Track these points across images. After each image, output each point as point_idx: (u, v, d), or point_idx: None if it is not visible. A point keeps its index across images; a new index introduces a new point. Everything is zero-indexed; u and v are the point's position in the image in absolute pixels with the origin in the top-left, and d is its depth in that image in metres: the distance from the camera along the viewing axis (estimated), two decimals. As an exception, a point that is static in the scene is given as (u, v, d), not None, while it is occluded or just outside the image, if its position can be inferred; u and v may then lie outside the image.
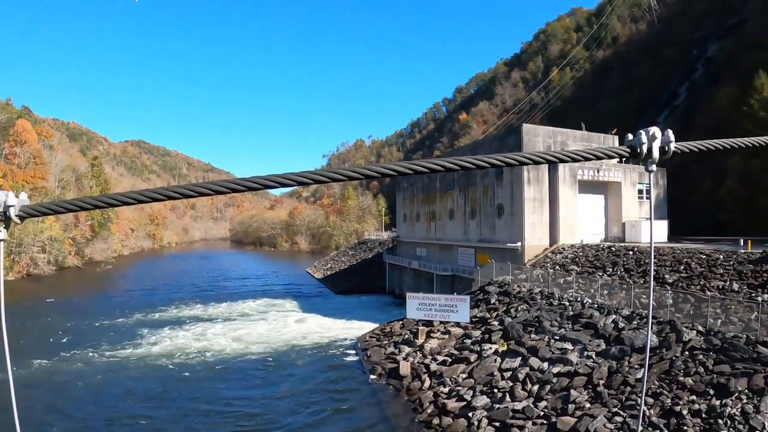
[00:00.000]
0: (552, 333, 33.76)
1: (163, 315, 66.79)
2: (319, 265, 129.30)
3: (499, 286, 47.91)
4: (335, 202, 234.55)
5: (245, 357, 46.42)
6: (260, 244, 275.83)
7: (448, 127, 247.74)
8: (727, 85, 79.19)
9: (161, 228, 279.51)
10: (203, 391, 36.85)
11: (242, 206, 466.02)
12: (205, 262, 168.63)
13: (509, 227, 57.72)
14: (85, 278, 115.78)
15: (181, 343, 50.75)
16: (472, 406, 28.61)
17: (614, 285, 38.51)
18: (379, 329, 51.14)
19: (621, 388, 25.21)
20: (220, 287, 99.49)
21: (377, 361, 41.06)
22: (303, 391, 37.02)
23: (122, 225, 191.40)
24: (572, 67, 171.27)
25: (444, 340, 40.74)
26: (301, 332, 56.31)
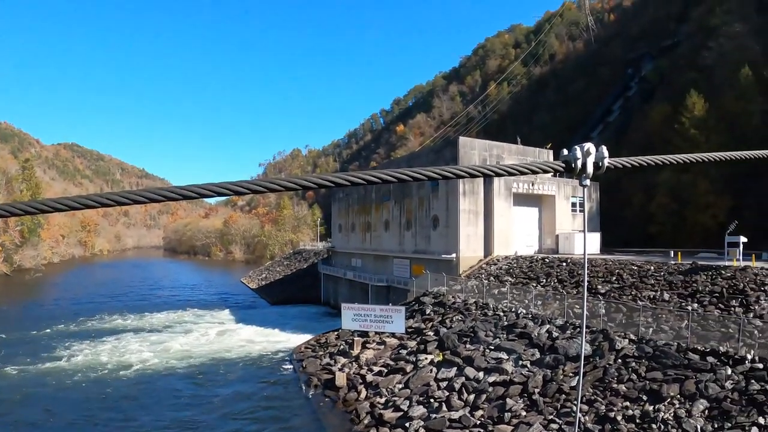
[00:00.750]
0: (487, 343, 33.98)
1: (91, 326, 64.76)
2: (253, 275, 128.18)
3: (434, 296, 48.04)
4: (271, 211, 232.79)
5: (177, 370, 45.27)
6: (194, 253, 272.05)
7: (385, 138, 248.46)
8: (659, 104, 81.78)
9: (93, 235, 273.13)
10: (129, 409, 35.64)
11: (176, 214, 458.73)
12: (137, 271, 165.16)
13: (444, 238, 58.04)
14: (13, 286, 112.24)
15: (106, 357, 49.06)
16: (408, 416, 28.53)
17: (548, 295, 39.08)
18: (314, 340, 50.75)
19: (556, 396, 25.52)
20: (151, 297, 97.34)
21: (313, 373, 40.70)
22: (237, 404, 36.37)
23: (53, 231, 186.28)
24: (509, 82, 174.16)
25: (380, 351, 40.65)
26: (235, 343, 55.49)
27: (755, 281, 32.31)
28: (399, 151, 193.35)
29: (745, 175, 59.50)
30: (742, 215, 50.22)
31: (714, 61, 72.30)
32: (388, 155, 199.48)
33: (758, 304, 29.50)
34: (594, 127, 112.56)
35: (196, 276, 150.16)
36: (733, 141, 59.65)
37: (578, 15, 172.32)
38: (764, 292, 30.74)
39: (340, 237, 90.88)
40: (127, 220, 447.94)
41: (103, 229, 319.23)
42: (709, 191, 60.63)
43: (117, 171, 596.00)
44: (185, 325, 66.60)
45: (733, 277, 33.55)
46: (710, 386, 22.29)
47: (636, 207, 70.59)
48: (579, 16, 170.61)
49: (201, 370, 45.39)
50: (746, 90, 62.29)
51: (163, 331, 61.61)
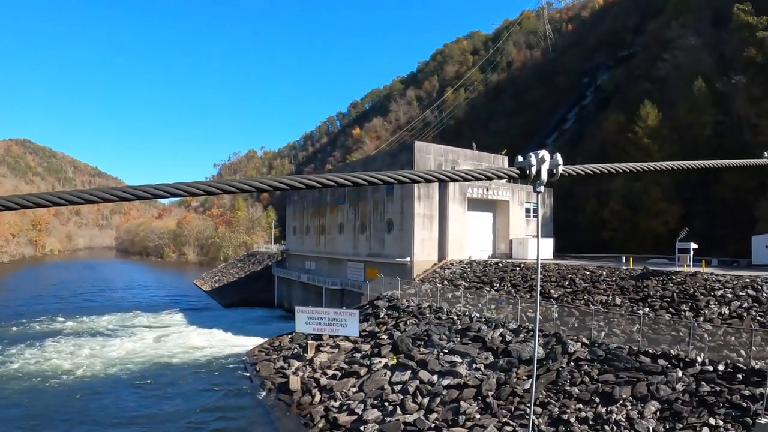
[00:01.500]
0: (441, 346, 34.13)
1: (37, 328, 63.41)
2: (207, 277, 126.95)
3: (388, 300, 48.14)
4: (225, 212, 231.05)
5: (125, 375, 44.36)
6: (147, 254, 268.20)
7: (342, 141, 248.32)
8: (614, 113, 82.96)
9: (44, 234, 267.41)
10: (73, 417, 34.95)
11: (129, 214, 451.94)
12: (89, 272, 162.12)
13: (399, 242, 58.15)
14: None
15: (51, 362, 47.65)
16: (363, 419, 28.55)
17: (501, 300, 39.41)
18: (268, 343, 50.43)
19: (510, 399, 25.79)
20: (102, 299, 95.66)
21: (267, 376, 40.47)
22: (189, 410, 35.92)
23: (2, 230, 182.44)
24: (467, 88, 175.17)
25: (334, 354, 40.58)
26: (186, 347, 54.85)
27: (705, 286, 33.07)
28: (355, 154, 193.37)
29: (696, 183, 61.12)
30: (692, 222, 51.53)
31: (668, 72, 73.68)
32: (344, 158, 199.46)
33: (708, 308, 30.23)
34: (549, 135, 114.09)
35: (148, 277, 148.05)
36: (684, 150, 60.89)
37: (537, 24, 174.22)
38: (714, 297, 31.49)
39: (294, 239, 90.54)
40: (79, 219, 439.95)
41: (55, 228, 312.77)
42: (661, 199, 61.74)
43: (69, 169, 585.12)
44: (135, 328, 65.49)
45: (683, 282, 34.29)
46: (662, 388, 22.76)
47: (589, 213, 71.62)
48: (537, 25, 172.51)
49: (151, 374, 44.59)
50: (699, 101, 63.53)
51: (112, 335, 60.41)
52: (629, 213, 64.46)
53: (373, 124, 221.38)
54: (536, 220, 63.34)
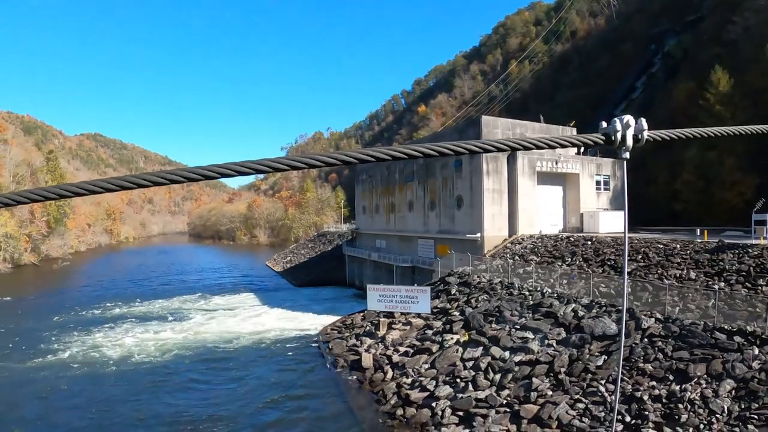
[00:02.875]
0: (513, 322, 33.98)
1: (119, 312, 65.29)
2: (278, 258, 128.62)
3: (459, 276, 48.04)
4: (294, 194, 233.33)
5: (204, 353, 45.65)
6: (219, 237, 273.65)
7: (407, 119, 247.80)
8: (684, 80, 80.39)
9: (118, 223, 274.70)
10: (163, 389, 36.16)
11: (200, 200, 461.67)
12: (163, 257, 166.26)
13: (469, 218, 57.90)
14: (41, 275, 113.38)
15: (137, 341, 49.57)
16: (435, 396, 28.69)
17: (573, 274, 38.91)
18: (340, 321, 51.00)
19: (582, 375, 25.50)
20: (177, 282, 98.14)
21: (339, 354, 40.95)
22: (265, 386, 36.67)
23: (79, 220, 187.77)
24: (531, 60, 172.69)
25: (405, 332, 40.79)
26: (261, 326, 55.83)
27: (783, 260, 31.98)
28: (421, 131, 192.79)
29: (773, 151, 58.84)
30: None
31: (739, 35, 71.11)
32: (410, 136, 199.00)
33: (786, 283, 29.25)
34: (617, 105, 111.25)
35: (221, 260, 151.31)
36: (758, 117, 58.61)
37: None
38: (792, 270, 30.45)
39: (364, 218, 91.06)
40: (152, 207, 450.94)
41: (128, 216, 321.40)
42: (736, 168, 59.79)
43: (140, 159, 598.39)
44: (209, 309, 67.05)
45: (760, 255, 33.04)
46: (737, 366, 22.08)
47: (661, 185, 69.78)
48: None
49: (225, 354, 45.75)
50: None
51: (188, 316, 62.12)
52: (703, 184, 62.61)
53: (438, 101, 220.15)
54: (608, 192, 62.38)
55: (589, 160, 60.93)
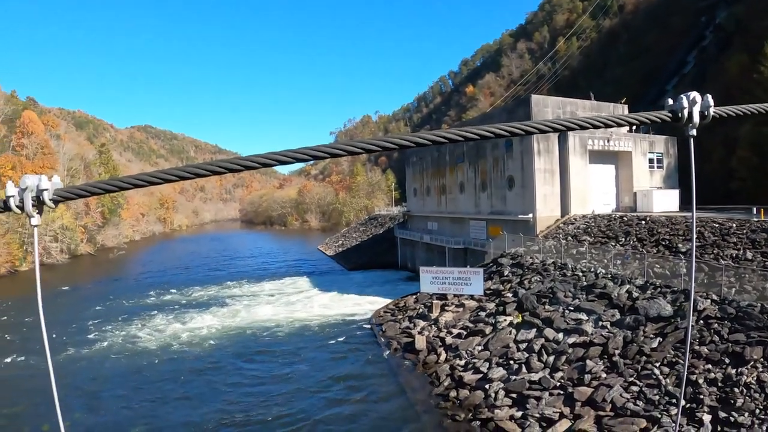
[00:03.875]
0: (566, 304, 33.84)
1: (172, 298, 66.74)
2: (330, 242, 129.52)
3: (511, 257, 47.94)
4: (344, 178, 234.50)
5: (256, 337, 46.54)
6: (270, 223, 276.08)
7: (455, 100, 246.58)
8: (737, 53, 78.22)
9: (171, 211, 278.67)
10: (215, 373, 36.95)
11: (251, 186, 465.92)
12: (217, 244, 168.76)
13: (520, 199, 57.59)
14: (97, 264, 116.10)
15: (190, 327, 50.67)
16: (488, 378, 28.79)
17: (627, 255, 38.50)
18: (393, 304, 51.27)
19: (636, 358, 25.29)
20: (231, 267, 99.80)
21: (392, 336, 41.27)
22: (318, 369, 37.19)
23: (133, 210, 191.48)
24: (578, 36, 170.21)
25: (458, 313, 40.90)
26: (314, 310, 56.47)
27: None
28: (470, 112, 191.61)
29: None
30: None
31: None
32: (459, 117, 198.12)
33: None
34: (668, 80, 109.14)
35: (273, 245, 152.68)
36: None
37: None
38: None
39: (415, 201, 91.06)
40: (204, 195, 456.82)
41: (181, 205, 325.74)
42: (793, 145, 58.26)
43: (191, 149, 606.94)
44: (264, 293, 68.02)
45: (820, 234, 32.41)
46: (796, 349, 21.78)
47: (715, 162, 67.98)
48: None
49: (279, 337, 46.52)
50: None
51: (240, 301, 62.99)
52: (759, 161, 60.77)
53: (485, 81, 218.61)
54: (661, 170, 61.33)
55: (641, 138, 59.94)
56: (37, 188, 2.33)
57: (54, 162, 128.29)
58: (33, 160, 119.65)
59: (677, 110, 2.81)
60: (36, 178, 2.34)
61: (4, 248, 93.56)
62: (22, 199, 2.33)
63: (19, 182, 2.35)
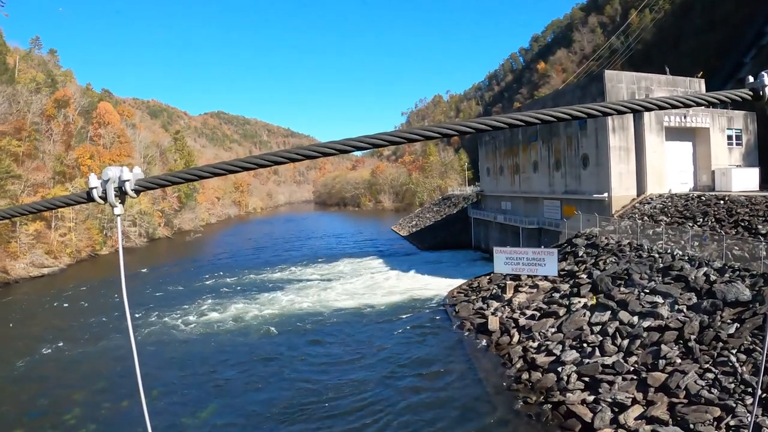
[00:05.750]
0: (642, 286, 33.36)
1: (247, 279, 68.35)
2: (403, 222, 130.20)
3: (586, 238, 47.43)
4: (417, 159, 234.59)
5: (331, 317, 47.67)
6: (344, 204, 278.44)
7: (527, 77, 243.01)
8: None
9: (246, 195, 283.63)
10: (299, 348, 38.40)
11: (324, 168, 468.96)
12: (291, 225, 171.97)
13: (595, 178, 56.75)
14: (175, 247, 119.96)
15: (269, 306, 52.22)
16: (561, 360, 28.79)
17: (705, 236, 37.59)
18: (466, 284, 51.50)
19: (713, 344, 24.80)
20: (305, 248, 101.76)
21: (466, 317, 41.51)
22: (392, 348, 37.81)
23: (208, 194, 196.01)
24: (651, 8, 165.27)
25: (532, 294, 40.82)
26: (389, 289, 57.15)
27: None
28: (542, 89, 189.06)
29: None
30: None
31: None
32: (531, 95, 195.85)
33: None
34: (746, 52, 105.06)
35: (347, 226, 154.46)
36: None
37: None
38: None
39: (488, 180, 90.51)
40: (277, 178, 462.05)
41: (255, 188, 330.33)
42: None
43: (263, 133, 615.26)
44: (338, 274, 69.22)
45: None
46: None
47: (799, 139, 65.67)
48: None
49: (353, 317, 47.48)
50: None
51: (316, 282, 64.32)
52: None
53: (557, 57, 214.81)
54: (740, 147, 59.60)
55: (719, 113, 58.15)
56: (119, 179, 2.46)
57: (130, 150, 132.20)
58: (110, 149, 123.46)
59: (759, 88, 2.69)
60: (118, 169, 2.47)
61: (85, 233, 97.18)
62: (104, 190, 2.46)
63: (101, 174, 2.49)
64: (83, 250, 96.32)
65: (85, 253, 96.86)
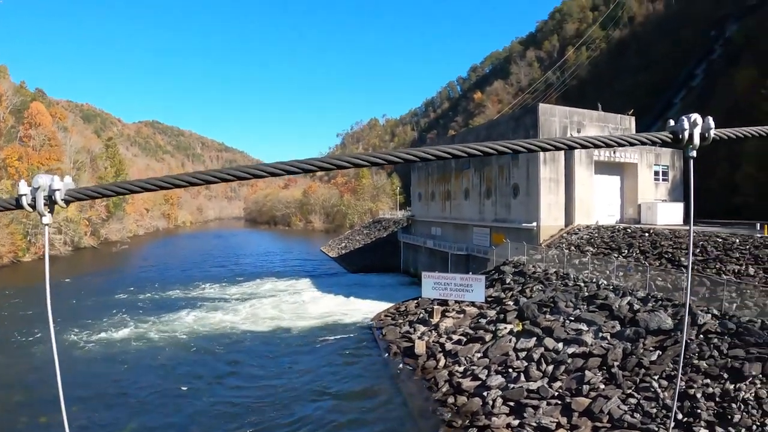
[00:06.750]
0: (567, 314, 33.82)
1: (171, 295, 66.83)
2: (333, 244, 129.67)
3: (514, 266, 47.96)
4: (349, 181, 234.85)
5: (257, 337, 46.61)
6: (274, 223, 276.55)
7: (463, 106, 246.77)
8: (745, 67, 78.17)
9: (176, 208, 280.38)
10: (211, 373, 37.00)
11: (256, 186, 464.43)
12: (220, 242, 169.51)
13: (525, 207, 57.65)
14: (100, 258, 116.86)
15: (187, 324, 50.77)
16: (487, 385, 28.81)
17: (630, 267, 38.50)
18: (394, 308, 51.39)
19: (635, 370, 25.30)
20: (233, 266, 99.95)
21: (392, 340, 41.34)
22: (317, 371, 37.26)
23: (137, 205, 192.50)
24: (588, 46, 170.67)
25: (459, 320, 40.95)
26: (315, 311, 56.54)
27: None
28: (477, 119, 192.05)
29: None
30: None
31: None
32: (466, 123, 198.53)
33: None
34: (677, 92, 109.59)
35: (277, 245, 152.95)
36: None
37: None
38: None
39: (419, 206, 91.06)
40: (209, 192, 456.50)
41: (186, 201, 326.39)
42: (798, 162, 58.18)
43: (197, 145, 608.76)
44: (265, 293, 68.05)
45: (823, 252, 32.40)
46: (795, 367, 21.80)
47: (720, 177, 67.83)
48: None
49: (279, 337, 46.57)
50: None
51: (242, 300, 63.14)
52: (764, 176, 60.82)
53: (494, 88, 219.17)
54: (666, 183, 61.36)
55: (647, 150, 59.91)
56: (50, 188, 2.37)
57: (60, 154, 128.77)
58: (39, 152, 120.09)
59: (678, 132, 2.83)
60: (48, 177, 2.38)
61: (7, 238, 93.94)
62: (34, 198, 2.37)
63: (32, 181, 2.39)
64: (5, 255, 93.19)
65: (7, 259, 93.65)
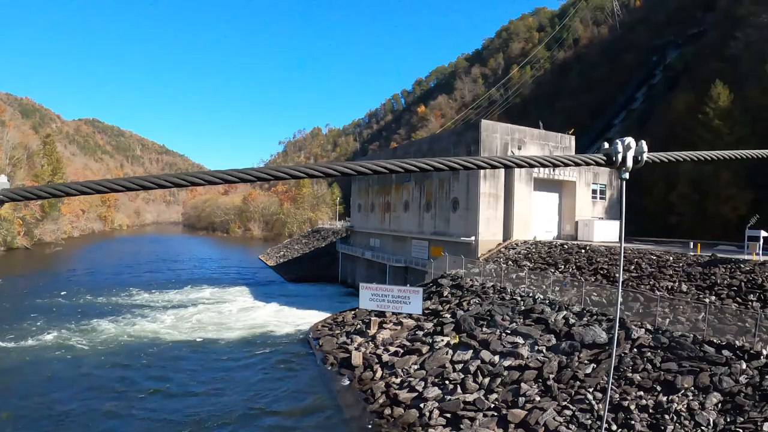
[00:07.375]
0: (503, 327, 34.11)
1: (105, 300, 65.27)
2: (271, 252, 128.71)
3: (452, 279, 48.15)
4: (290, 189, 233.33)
5: (192, 346, 45.62)
6: (213, 229, 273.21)
7: (406, 119, 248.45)
8: (684, 92, 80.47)
9: (113, 210, 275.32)
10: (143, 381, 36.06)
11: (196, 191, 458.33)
12: (156, 246, 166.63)
13: (464, 221, 58.02)
14: (33, 259, 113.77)
15: (120, 331, 49.45)
16: (423, 397, 28.81)
17: (566, 282, 39.07)
18: (331, 318, 51.11)
19: (570, 383, 25.66)
20: (168, 272, 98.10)
21: (329, 351, 41.06)
22: (252, 381, 36.70)
23: (73, 206, 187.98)
24: (532, 66, 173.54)
25: (396, 331, 40.91)
26: (251, 320, 55.88)
27: (774, 276, 32.11)
28: (420, 132, 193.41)
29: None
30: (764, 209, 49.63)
31: (740, 51, 71.30)
32: (409, 136, 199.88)
33: (776, 299, 29.42)
34: (617, 114, 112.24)
35: (214, 252, 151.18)
36: (757, 133, 59.08)
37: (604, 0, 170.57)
38: (783, 287, 30.61)
39: (359, 216, 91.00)
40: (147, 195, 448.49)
41: (123, 204, 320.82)
42: (731, 183, 59.75)
43: (137, 147, 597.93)
44: (201, 301, 66.89)
45: (752, 271, 33.24)
46: (724, 380, 22.32)
47: (656, 197, 69.61)
48: (605, 1, 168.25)
49: (214, 347, 45.73)
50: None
51: (177, 308, 61.81)
52: (698, 197, 62.65)
53: (437, 102, 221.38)
54: (603, 201, 62.67)
55: (586, 169, 60.88)
56: None
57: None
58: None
59: (612, 154, 2.94)
60: None
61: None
62: None
63: None
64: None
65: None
